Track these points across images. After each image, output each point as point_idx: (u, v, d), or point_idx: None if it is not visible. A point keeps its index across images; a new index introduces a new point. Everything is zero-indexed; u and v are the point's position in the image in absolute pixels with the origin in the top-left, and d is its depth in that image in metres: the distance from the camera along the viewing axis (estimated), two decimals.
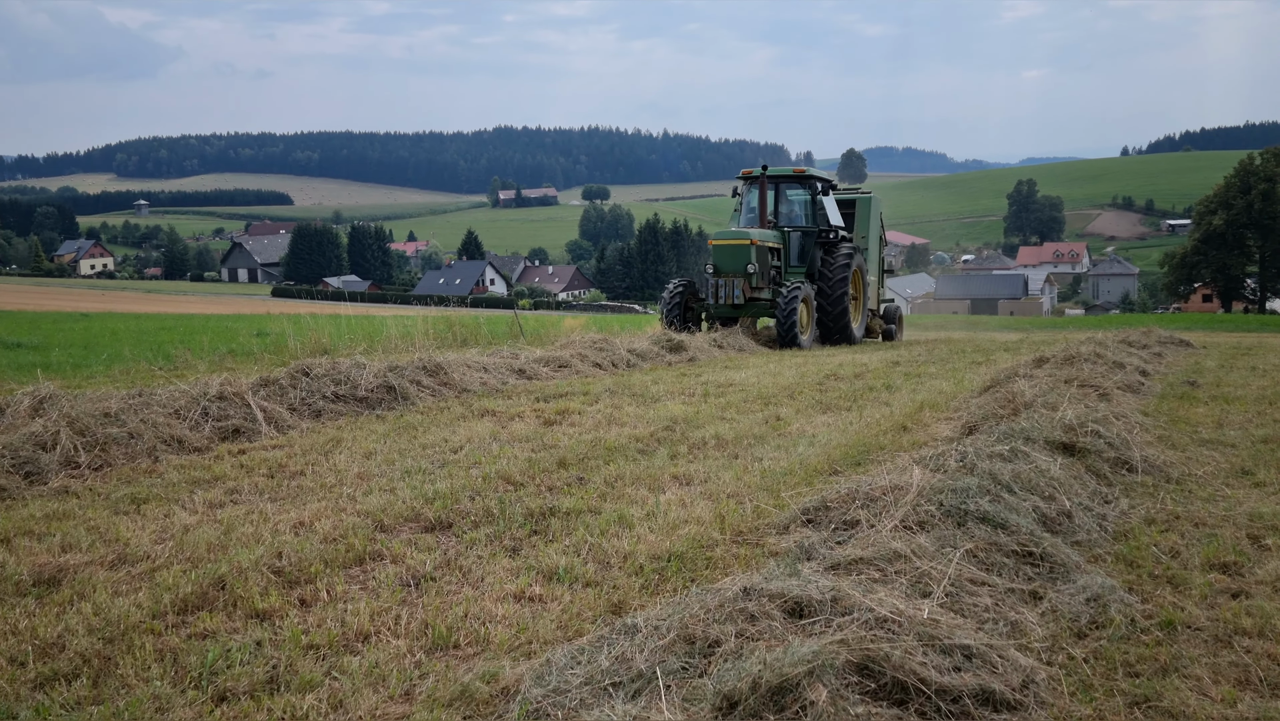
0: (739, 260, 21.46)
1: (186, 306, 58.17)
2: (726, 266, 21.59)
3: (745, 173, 23.51)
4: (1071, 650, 4.29)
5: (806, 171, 23.62)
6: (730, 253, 21.65)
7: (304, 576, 5.19)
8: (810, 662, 3.51)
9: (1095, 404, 8.91)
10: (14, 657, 4.19)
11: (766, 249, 21.97)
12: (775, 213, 23.24)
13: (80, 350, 18.38)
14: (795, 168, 23.62)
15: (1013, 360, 15.33)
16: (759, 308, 21.97)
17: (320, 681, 4.02)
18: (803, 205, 23.36)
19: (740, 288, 21.28)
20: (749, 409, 10.81)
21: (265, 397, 9.96)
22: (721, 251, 21.85)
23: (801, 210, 23.36)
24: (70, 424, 8.10)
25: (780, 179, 23.51)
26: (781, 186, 23.55)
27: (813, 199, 23.28)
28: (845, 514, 5.71)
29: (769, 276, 22.05)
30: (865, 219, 25.39)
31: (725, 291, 21.38)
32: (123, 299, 70.27)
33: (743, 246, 21.55)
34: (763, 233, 22.22)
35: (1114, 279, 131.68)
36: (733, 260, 21.53)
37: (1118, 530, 6.06)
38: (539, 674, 3.87)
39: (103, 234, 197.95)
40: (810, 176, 23.48)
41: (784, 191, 23.57)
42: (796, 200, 23.53)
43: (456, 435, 9.12)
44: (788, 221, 23.37)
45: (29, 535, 5.98)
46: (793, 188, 23.60)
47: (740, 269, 21.44)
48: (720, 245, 21.99)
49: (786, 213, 23.46)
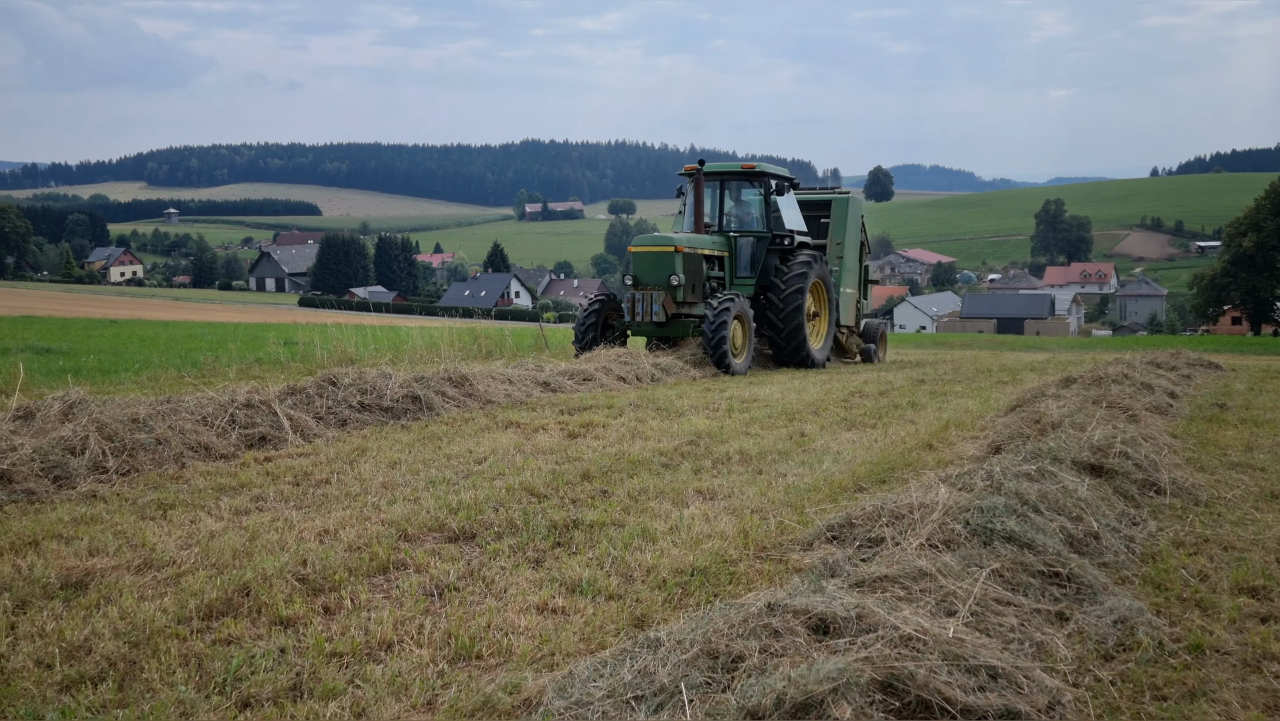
0: (661, 270, 18.24)
1: (214, 315, 58.56)
2: (647, 278, 18.38)
3: (688, 169, 20.15)
4: (1098, 672, 4.25)
5: (758, 167, 20.05)
6: (651, 261, 18.40)
7: (328, 584, 5.21)
8: (835, 680, 3.49)
9: (1123, 425, 8.85)
10: (41, 660, 4.21)
11: (699, 257, 18.83)
12: (721, 215, 20.37)
13: (109, 356, 18.52)
14: (745, 163, 20.13)
15: (1039, 380, 15.26)
16: (685, 326, 18.61)
17: (343, 689, 4.02)
18: (758, 207, 20.33)
19: (661, 302, 18.00)
20: (773, 424, 10.79)
21: (292, 406, 10.02)
22: (641, 260, 18.57)
23: (757, 212, 20.34)
24: (99, 429, 8.16)
25: (727, 176, 20.39)
26: (730, 185, 20.52)
27: (765, 199, 20.15)
28: (870, 531, 5.69)
29: (704, 289, 18.97)
30: (841, 222, 22.62)
31: (644, 307, 18.10)
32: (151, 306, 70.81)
33: (665, 255, 18.31)
34: (694, 238, 19.11)
35: (1142, 300, 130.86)
36: (654, 270, 18.31)
37: (1145, 552, 6.01)
38: (561, 686, 3.86)
39: (133, 242, 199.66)
40: (763, 173, 20.13)
41: (734, 191, 20.60)
42: (751, 201, 20.54)
43: (481, 446, 9.14)
44: (738, 225, 20.40)
45: (57, 538, 6.02)
46: (744, 186, 20.53)
47: (662, 281, 18.20)
48: (640, 253, 18.66)
49: (739, 215, 20.53)
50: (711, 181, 20.48)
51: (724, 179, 20.34)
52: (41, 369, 14.81)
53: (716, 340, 17.23)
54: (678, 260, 18.18)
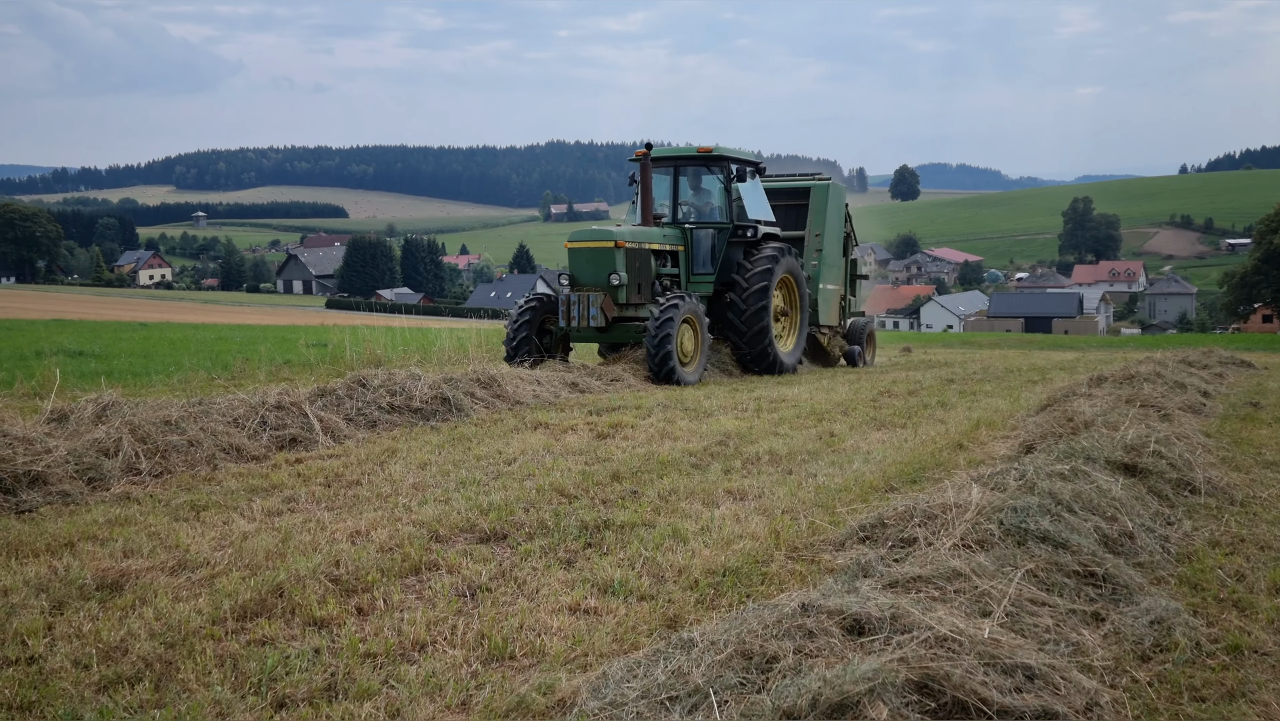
0: (600, 268, 16.11)
1: (242, 317, 58.96)
2: (585, 277, 16.25)
3: (639, 154, 17.60)
4: (1135, 673, 4.21)
5: (716, 150, 17.73)
6: (588, 259, 16.24)
7: (361, 585, 5.22)
8: (870, 680, 3.48)
9: (1156, 424, 8.78)
10: (78, 660, 4.25)
11: (646, 252, 16.72)
12: (676, 205, 18.21)
13: (140, 359, 18.67)
14: (701, 146, 17.91)
15: (1069, 379, 15.17)
16: (630, 330, 16.41)
17: (378, 690, 4.04)
18: (719, 195, 18.19)
19: (600, 305, 15.82)
20: (802, 424, 10.76)
21: (322, 407, 10.06)
22: (578, 257, 16.39)
23: (718, 202, 18.21)
24: (132, 431, 8.23)
25: (682, 161, 18.18)
26: (685, 172, 18.32)
27: (726, 186, 17.99)
28: (902, 531, 5.66)
29: (652, 288, 16.84)
30: (820, 212, 20.38)
31: (580, 310, 15.93)
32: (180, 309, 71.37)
33: (604, 251, 16.11)
34: (640, 231, 16.89)
35: (1171, 298, 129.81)
36: (592, 268, 16.19)
37: (1181, 552, 5.95)
38: (595, 686, 3.86)
39: (161, 245, 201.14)
40: (721, 157, 17.83)
41: (691, 178, 18.42)
42: (711, 189, 18.39)
43: (510, 447, 9.16)
44: (697, 216, 18.27)
45: (92, 540, 6.07)
46: (701, 173, 18.37)
47: (601, 280, 16.07)
48: (577, 249, 16.47)
49: (697, 205, 18.42)
50: (663, 168, 18.34)
51: (678, 164, 18.22)
52: (74, 371, 14.94)
53: (660, 347, 15.11)
54: (619, 256, 16.10)
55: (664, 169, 18.30)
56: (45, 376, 13.24)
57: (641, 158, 17.36)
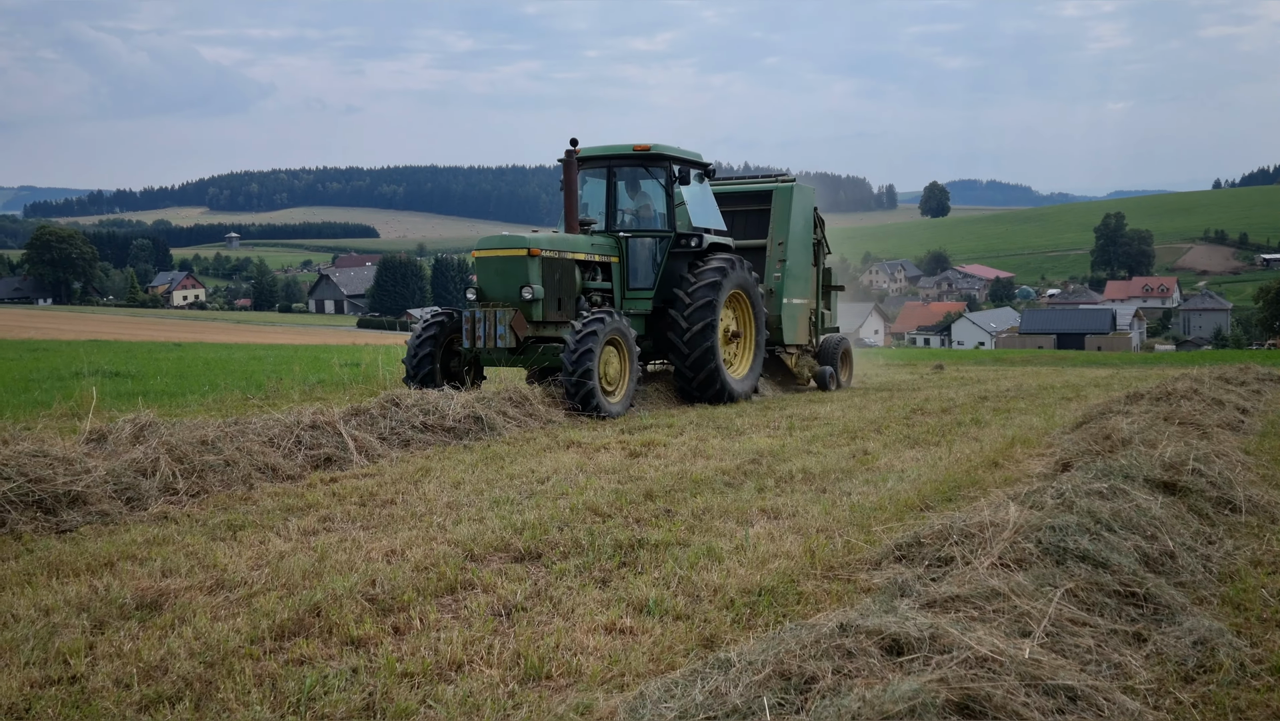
0: (510, 280, 14.04)
1: (275, 337, 59.39)
2: (494, 290, 14.20)
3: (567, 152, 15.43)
4: (1179, 694, 4.16)
5: (654, 148, 15.63)
6: (498, 269, 14.16)
7: (397, 604, 5.24)
8: (911, 701, 3.45)
9: (1195, 441, 8.69)
10: (119, 679, 4.27)
11: (569, 263, 14.68)
12: (611, 210, 16.09)
13: (175, 379, 18.83)
14: (638, 144, 15.70)
15: (1105, 396, 15.05)
16: (548, 352, 14.18)
17: (416, 709, 4.04)
18: (662, 200, 16.04)
19: (510, 322, 13.72)
20: (835, 443, 10.72)
21: (356, 427, 10.12)
22: (486, 268, 14.30)
23: (660, 207, 16.09)
24: (169, 451, 8.29)
25: (616, 160, 15.96)
26: (620, 173, 16.21)
27: (668, 190, 15.85)
28: (939, 550, 5.62)
29: (577, 304, 14.80)
30: (783, 217, 18.32)
31: (485, 328, 13.85)
32: (213, 329, 72.01)
33: (515, 261, 14.03)
34: (561, 239, 14.80)
35: (1206, 314, 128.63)
36: (501, 281, 14.12)
37: (1223, 571, 5.88)
38: (632, 706, 3.84)
39: (195, 266, 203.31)
40: (660, 156, 15.66)
41: (628, 180, 16.35)
42: (652, 193, 16.26)
43: (543, 466, 9.17)
44: (635, 223, 16.26)
45: (131, 559, 6.12)
46: (640, 174, 16.24)
47: (512, 294, 14.02)
48: (485, 258, 14.38)
49: (636, 211, 16.39)
50: (594, 168, 16.18)
51: (611, 164, 16.02)
52: (110, 392, 15.09)
53: (578, 372, 13.06)
54: (533, 267, 14.00)
55: (597, 170, 16.22)
56: (83, 397, 13.37)
57: (567, 155, 15.24)
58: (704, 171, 16.51)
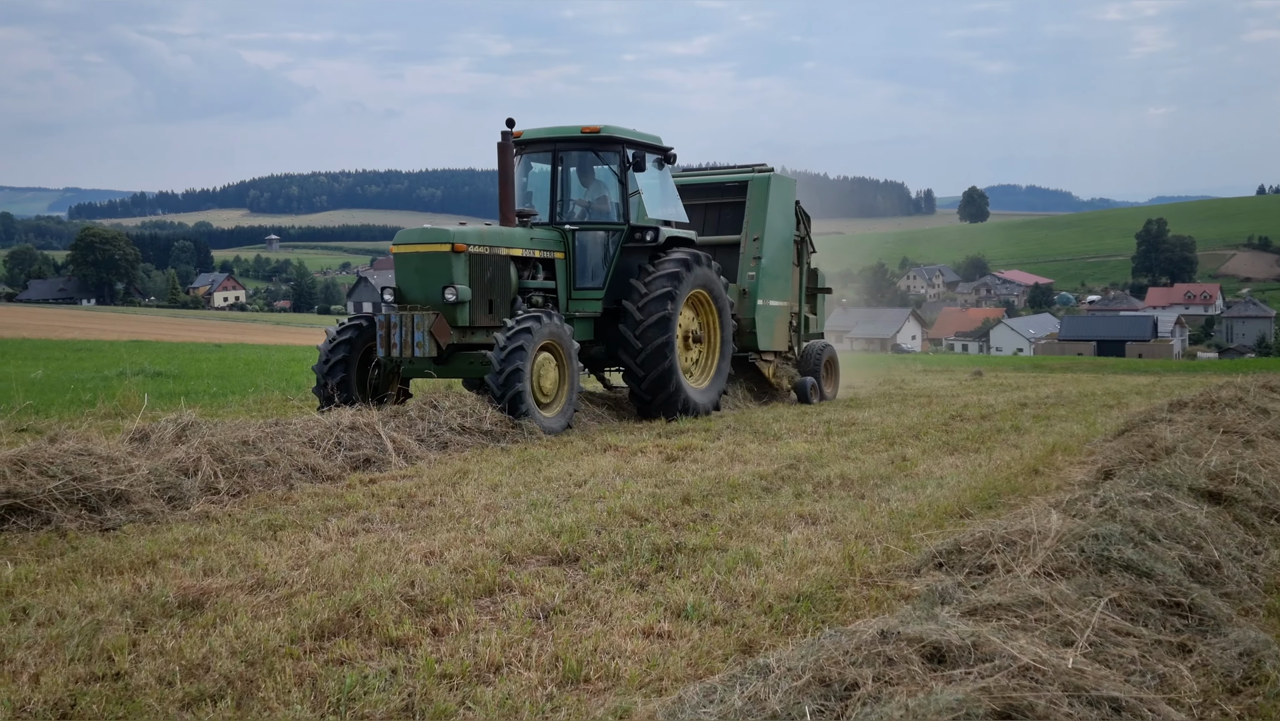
0: (431, 280, 12.30)
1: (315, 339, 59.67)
2: (413, 292, 12.44)
3: (515, 134, 13.97)
4: (1225, 706, 4.11)
5: (605, 130, 13.95)
6: (418, 267, 12.44)
7: (435, 606, 5.25)
8: (954, 710, 3.42)
9: (1240, 450, 8.57)
10: (162, 677, 4.31)
11: (503, 260, 12.98)
12: (556, 200, 14.43)
13: (216, 379, 19.02)
14: (586, 125, 14.01)
15: (1147, 403, 14.89)
16: (475, 362, 12.59)
17: (454, 711, 4.05)
18: (615, 189, 14.24)
19: (430, 328, 11.99)
20: (873, 448, 10.67)
21: (395, 429, 10.17)
22: (405, 265, 12.56)
23: (615, 197, 14.26)
24: (210, 451, 8.38)
25: (562, 144, 14.30)
26: (567, 158, 14.56)
27: (621, 178, 14.12)
28: (979, 558, 5.57)
29: (513, 306, 13.07)
30: (760, 210, 16.60)
31: (401, 335, 12.05)
32: (254, 330, 72.57)
33: (438, 257, 12.32)
34: (493, 232, 13.10)
35: (1249, 321, 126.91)
36: (421, 280, 12.38)
37: (1269, 583, 5.80)
38: (671, 711, 3.84)
39: (235, 267, 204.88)
40: (613, 139, 14.01)
41: (577, 166, 14.70)
42: (606, 181, 14.51)
43: (580, 469, 9.18)
44: (586, 215, 14.50)
45: (173, 558, 6.18)
46: (590, 160, 14.58)
47: (433, 295, 12.27)
48: (404, 254, 12.59)
49: (588, 201, 14.68)
50: (538, 153, 14.44)
51: (557, 148, 14.34)
52: (153, 391, 15.25)
53: (507, 384, 11.53)
54: (458, 264, 12.29)
55: (541, 154, 14.46)
56: (125, 396, 13.52)
57: (504, 138, 13.52)
58: (663, 157, 14.78)
